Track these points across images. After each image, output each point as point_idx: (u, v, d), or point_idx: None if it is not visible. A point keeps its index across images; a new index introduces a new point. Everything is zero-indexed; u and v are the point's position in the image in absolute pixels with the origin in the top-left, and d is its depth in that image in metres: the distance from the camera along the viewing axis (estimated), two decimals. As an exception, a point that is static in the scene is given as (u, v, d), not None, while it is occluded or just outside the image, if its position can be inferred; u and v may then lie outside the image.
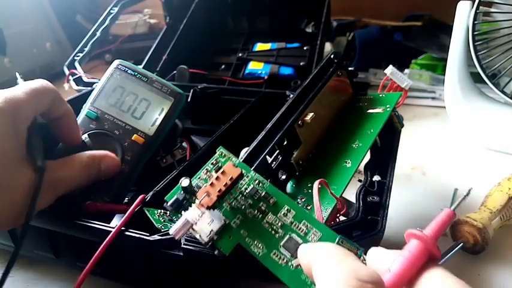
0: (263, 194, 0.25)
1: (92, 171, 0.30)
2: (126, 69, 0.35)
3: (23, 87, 0.27)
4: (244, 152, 0.30)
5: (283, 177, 0.31)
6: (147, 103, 0.35)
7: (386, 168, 0.33)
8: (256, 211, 0.24)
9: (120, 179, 0.32)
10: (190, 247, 0.25)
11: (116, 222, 0.29)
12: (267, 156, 0.29)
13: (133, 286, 0.32)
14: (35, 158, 0.26)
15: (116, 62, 0.36)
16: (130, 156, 0.33)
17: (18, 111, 0.26)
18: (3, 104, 0.25)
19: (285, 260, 0.22)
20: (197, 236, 0.22)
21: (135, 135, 0.34)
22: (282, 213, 0.24)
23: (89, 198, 0.30)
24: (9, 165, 0.24)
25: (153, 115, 0.34)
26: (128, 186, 0.34)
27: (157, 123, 0.34)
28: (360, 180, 0.33)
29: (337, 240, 0.22)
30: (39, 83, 0.28)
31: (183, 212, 0.22)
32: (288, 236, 0.23)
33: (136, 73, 0.35)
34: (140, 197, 0.28)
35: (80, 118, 0.34)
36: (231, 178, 0.23)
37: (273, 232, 0.23)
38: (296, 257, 0.22)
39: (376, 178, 0.32)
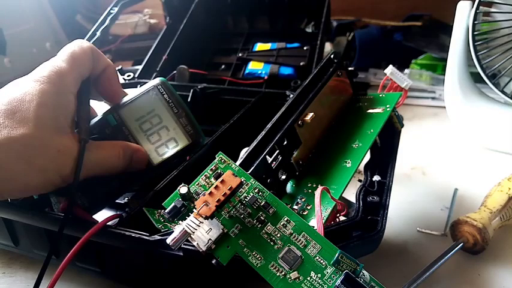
0: (263, 203, 0.24)
1: (124, 162, 0.30)
2: (164, 92, 0.33)
3: (62, 56, 0.29)
4: (244, 152, 0.30)
5: (283, 177, 0.31)
6: (166, 133, 0.33)
7: (386, 168, 0.33)
8: (255, 221, 0.24)
9: (106, 193, 0.32)
10: (190, 247, 0.25)
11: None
12: (267, 156, 0.29)
13: (133, 286, 0.32)
14: (80, 129, 0.28)
15: (158, 80, 0.34)
16: (125, 175, 0.32)
17: (62, 83, 0.27)
18: (47, 77, 0.27)
19: (283, 273, 0.22)
20: (195, 244, 0.22)
21: None
22: (282, 223, 0.24)
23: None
24: (42, 133, 0.25)
25: (165, 147, 0.33)
26: (111, 200, 0.34)
27: (165, 156, 0.33)
28: (360, 180, 0.33)
29: (337, 255, 0.22)
30: (76, 46, 0.29)
31: (180, 221, 0.22)
32: (286, 248, 0.23)
33: (171, 101, 0.33)
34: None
35: (98, 118, 0.33)
36: (230, 188, 0.23)
37: (271, 243, 0.23)
38: (294, 270, 0.22)
39: (376, 178, 0.32)
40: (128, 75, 0.57)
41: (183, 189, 0.24)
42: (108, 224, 0.27)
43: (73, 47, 0.29)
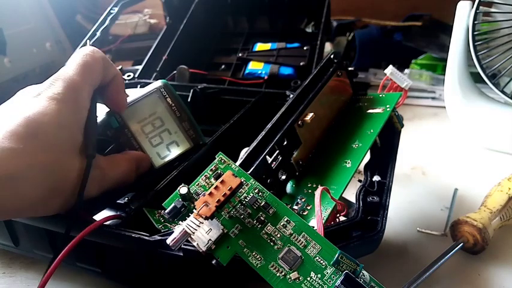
0: (262, 203, 0.24)
1: (136, 174, 0.30)
2: (167, 95, 0.33)
3: (75, 67, 0.27)
4: (244, 152, 0.30)
5: (283, 177, 0.31)
6: (168, 136, 0.33)
7: (386, 168, 0.33)
8: (255, 221, 0.24)
9: (105, 193, 0.31)
10: (190, 247, 0.25)
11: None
12: (267, 156, 0.29)
13: (133, 286, 0.32)
14: (87, 144, 0.27)
15: (161, 83, 0.33)
16: None
17: (78, 100, 0.26)
18: (63, 94, 0.26)
19: (283, 273, 0.22)
20: (195, 245, 0.22)
21: None
22: (282, 224, 0.24)
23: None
24: (62, 156, 0.25)
25: (167, 150, 0.33)
26: (111, 201, 0.33)
27: (167, 159, 0.33)
28: (360, 180, 0.33)
29: (337, 255, 0.22)
30: (89, 56, 0.28)
31: (180, 221, 0.22)
32: (286, 248, 0.23)
33: (173, 104, 0.33)
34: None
35: (99, 119, 0.32)
36: (230, 188, 0.23)
37: (271, 243, 0.23)
38: (294, 270, 0.22)
39: (376, 178, 0.32)
40: (128, 75, 0.57)
41: (183, 189, 0.24)
42: (108, 224, 0.27)
43: (86, 57, 0.28)
